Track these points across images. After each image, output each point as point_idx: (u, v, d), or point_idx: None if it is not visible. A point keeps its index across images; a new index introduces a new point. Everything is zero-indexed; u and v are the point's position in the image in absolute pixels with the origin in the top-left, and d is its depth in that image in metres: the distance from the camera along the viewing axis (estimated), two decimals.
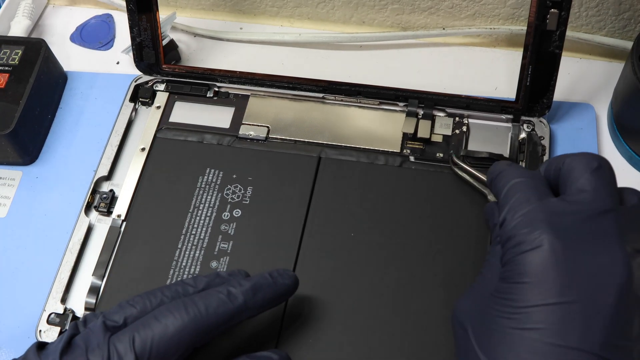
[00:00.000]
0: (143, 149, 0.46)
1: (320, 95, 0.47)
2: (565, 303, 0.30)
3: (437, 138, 0.45)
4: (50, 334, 0.41)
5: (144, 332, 0.33)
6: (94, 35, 0.55)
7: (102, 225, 0.44)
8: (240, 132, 0.46)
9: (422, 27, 0.52)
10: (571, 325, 0.30)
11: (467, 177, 0.42)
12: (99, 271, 0.42)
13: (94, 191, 0.45)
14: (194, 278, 0.36)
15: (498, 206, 0.35)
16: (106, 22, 0.56)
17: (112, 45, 0.54)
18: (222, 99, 0.48)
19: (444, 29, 0.51)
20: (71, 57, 0.54)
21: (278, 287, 0.36)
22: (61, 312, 0.41)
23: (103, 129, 0.48)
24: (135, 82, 0.49)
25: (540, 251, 0.31)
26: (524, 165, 0.44)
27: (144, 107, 0.49)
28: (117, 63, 0.53)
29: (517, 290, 0.31)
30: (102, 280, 0.42)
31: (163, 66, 0.49)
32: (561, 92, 0.46)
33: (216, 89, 0.48)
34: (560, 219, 0.32)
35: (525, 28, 0.43)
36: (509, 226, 0.33)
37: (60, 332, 0.40)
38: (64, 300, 0.42)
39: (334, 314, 0.39)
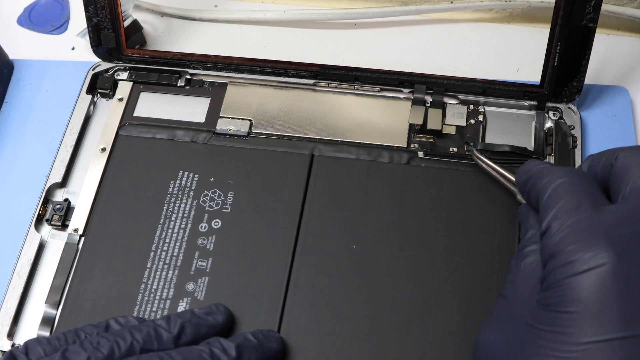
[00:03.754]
0: (103, 150, 0.43)
1: (311, 81, 0.45)
2: (633, 338, 0.27)
3: (449, 130, 0.43)
4: None
5: None
6: (45, 17, 0.53)
7: (56, 242, 0.41)
8: (217, 127, 0.44)
9: (426, 1, 0.50)
10: None
11: (492, 172, 0.39)
12: (52, 298, 0.39)
13: (46, 201, 0.43)
14: (166, 319, 0.34)
15: (538, 211, 0.32)
16: (59, 2, 0.54)
17: (66, 29, 0.52)
18: (195, 88, 0.46)
19: (451, 2, 0.49)
20: (18, 43, 0.52)
21: (265, 350, 0.35)
22: (8, 348, 0.39)
23: (56, 127, 0.46)
24: (93, 70, 0.47)
25: (599, 273, 0.28)
26: (552, 161, 0.41)
27: (103, 100, 0.46)
28: (72, 49, 0.51)
29: (568, 322, 0.28)
30: (57, 309, 0.39)
31: (125, 51, 0.46)
32: (589, 73, 0.43)
33: (188, 77, 0.46)
34: (621, 231, 0.29)
35: (545, 0, 0.41)
36: (555, 238, 0.30)
37: None
38: (10, 334, 0.39)
39: (333, 341, 0.37)
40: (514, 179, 0.37)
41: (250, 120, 0.44)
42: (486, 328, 0.32)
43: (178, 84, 0.46)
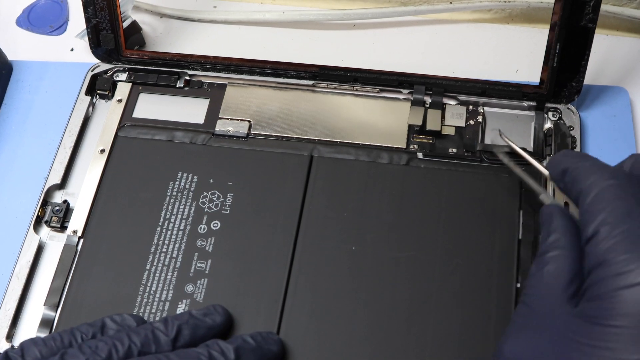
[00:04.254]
0: (102, 151, 0.43)
1: (310, 82, 0.45)
2: None
3: (448, 130, 0.43)
4: None
5: None
6: (44, 18, 0.53)
7: (55, 244, 0.41)
8: (216, 129, 0.44)
9: (426, 1, 0.50)
10: None
11: (517, 169, 0.38)
12: (51, 300, 0.39)
13: (45, 202, 0.42)
14: (164, 321, 0.34)
15: (580, 212, 0.30)
16: (58, 3, 0.53)
17: (65, 30, 0.52)
18: (194, 89, 0.46)
19: (450, 2, 0.49)
20: (17, 44, 0.51)
21: (264, 352, 0.34)
22: None
23: (55, 128, 0.45)
24: (92, 71, 0.47)
25: None
26: None
27: (102, 101, 0.46)
28: (71, 50, 0.51)
29: (617, 337, 0.26)
30: (56, 311, 0.39)
31: (124, 52, 0.46)
32: (588, 74, 0.43)
33: (187, 78, 0.46)
34: None
35: (544, 0, 0.40)
36: (605, 245, 0.27)
37: None
38: (9, 336, 0.39)
39: (333, 342, 0.36)
40: (544, 171, 0.35)
41: (249, 121, 0.43)
42: (509, 337, 0.30)
43: (177, 85, 0.45)
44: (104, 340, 0.32)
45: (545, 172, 0.35)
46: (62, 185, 0.43)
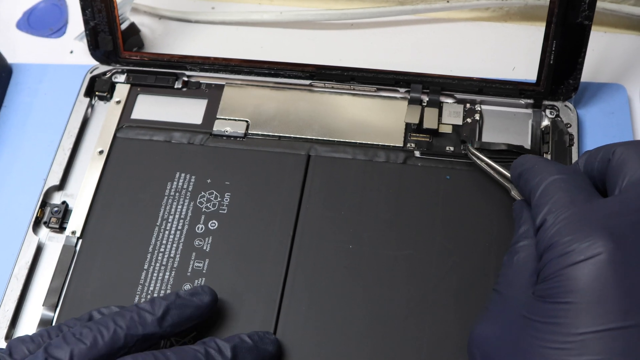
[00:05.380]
0: (101, 152, 0.43)
1: (307, 82, 0.45)
2: (631, 327, 0.26)
3: (445, 129, 0.42)
4: None
5: None
6: (43, 20, 0.53)
7: (53, 245, 0.41)
8: (214, 129, 0.44)
9: (423, 1, 0.49)
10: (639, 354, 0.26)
11: (487, 169, 0.39)
12: (50, 300, 0.39)
13: (44, 204, 0.42)
14: (150, 302, 0.34)
15: (531, 207, 0.32)
16: (57, 6, 0.53)
17: (64, 32, 0.52)
18: (192, 90, 0.46)
19: (447, 1, 0.49)
20: (17, 47, 0.51)
21: (260, 352, 0.34)
22: None
23: (54, 130, 0.45)
24: (91, 73, 0.46)
25: (595, 262, 0.27)
26: (549, 158, 0.40)
27: (101, 103, 0.46)
28: (71, 52, 0.51)
29: (565, 313, 0.27)
30: (55, 312, 0.39)
31: (123, 54, 0.46)
32: (586, 71, 0.43)
33: (185, 79, 0.46)
34: (617, 221, 0.28)
35: None
36: (551, 231, 0.29)
37: None
38: (8, 337, 0.39)
39: (330, 341, 0.36)
40: (508, 174, 0.37)
41: (247, 121, 0.43)
42: (480, 322, 0.32)
43: (175, 86, 0.45)
44: (88, 327, 0.32)
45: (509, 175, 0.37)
46: (61, 186, 0.43)
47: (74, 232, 0.40)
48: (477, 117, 0.42)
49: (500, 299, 0.32)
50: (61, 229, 0.41)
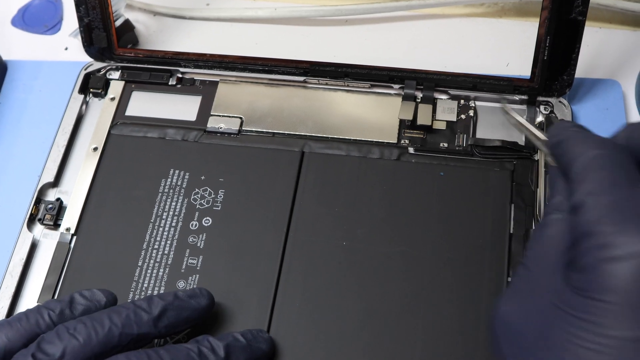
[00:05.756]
0: (95, 149, 0.43)
1: (301, 78, 0.45)
2: None
3: (439, 125, 0.42)
4: None
5: None
6: (38, 17, 0.52)
7: (48, 241, 0.41)
8: (208, 125, 0.43)
9: None
10: None
11: (524, 130, 0.36)
12: (45, 296, 0.39)
13: (38, 200, 0.42)
14: (147, 300, 0.33)
15: (569, 180, 0.29)
16: (52, 3, 0.53)
17: (59, 29, 0.52)
18: (186, 86, 0.46)
19: None
20: (12, 44, 0.51)
21: (253, 350, 0.34)
22: None
23: (48, 127, 0.45)
24: (85, 70, 0.46)
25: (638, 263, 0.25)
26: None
27: (95, 99, 0.46)
28: (66, 49, 0.50)
29: (600, 311, 0.25)
30: None
31: (117, 50, 0.46)
32: (580, 67, 0.43)
33: (180, 76, 0.46)
34: None
35: None
36: (591, 217, 0.26)
37: None
38: None
39: (323, 338, 0.36)
40: (546, 138, 0.34)
41: (241, 118, 0.43)
42: (506, 299, 0.30)
43: (169, 83, 0.45)
44: (83, 322, 0.31)
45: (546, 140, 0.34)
46: (55, 183, 0.42)
47: (68, 229, 0.40)
48: (471, 113, 0.42)
49: (527, 276, 0.29)
50: (55, 225, 0.41)
